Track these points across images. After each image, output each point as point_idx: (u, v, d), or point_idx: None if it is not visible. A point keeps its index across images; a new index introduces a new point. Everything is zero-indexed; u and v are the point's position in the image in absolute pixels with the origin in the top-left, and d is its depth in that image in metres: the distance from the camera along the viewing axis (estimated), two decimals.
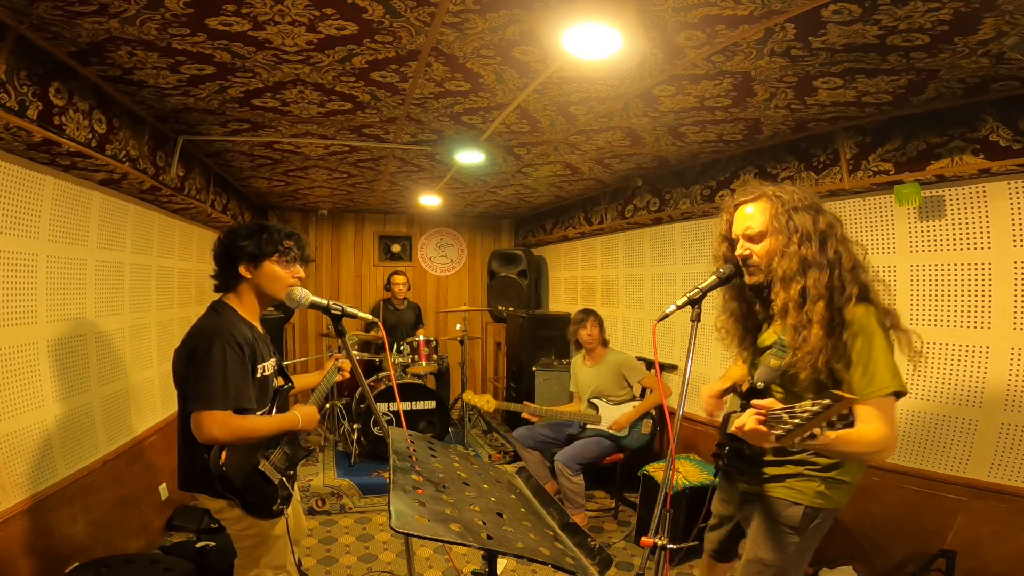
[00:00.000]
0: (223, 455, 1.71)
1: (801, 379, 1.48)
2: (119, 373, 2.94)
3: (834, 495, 1.58)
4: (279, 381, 2.06)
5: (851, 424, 1.13)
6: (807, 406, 1.13)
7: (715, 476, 1.86)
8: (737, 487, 1.77)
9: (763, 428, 1.25)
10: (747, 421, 1.28)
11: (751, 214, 1.59)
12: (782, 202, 1.54)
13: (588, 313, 3.92)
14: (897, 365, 1.43)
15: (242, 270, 1.84)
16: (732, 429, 1.37)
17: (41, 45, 1.88)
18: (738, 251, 1.61)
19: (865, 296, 1.50)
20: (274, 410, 1.92)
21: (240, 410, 1.73)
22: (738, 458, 1.69)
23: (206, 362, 1.68)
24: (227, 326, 1.76)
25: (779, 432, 1.19)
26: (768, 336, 1.67)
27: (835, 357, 1.44)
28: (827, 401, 1.08)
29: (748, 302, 1.74)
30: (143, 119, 2.65)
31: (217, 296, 1.93)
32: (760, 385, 1.61)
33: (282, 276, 1.87)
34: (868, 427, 1.36)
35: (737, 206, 1.64)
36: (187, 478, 1.81)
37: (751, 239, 1.58)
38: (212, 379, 1.67)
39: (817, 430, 1.13)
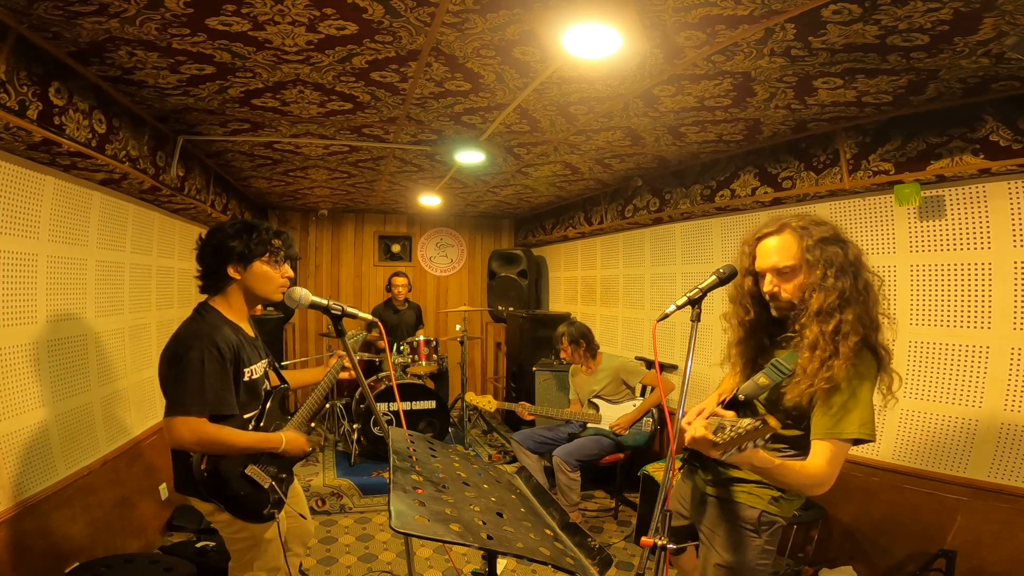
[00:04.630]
0: (204, 461, 1.67)
1: (787, 400, 1.49)
2: (119, 373, 2.94)
3: (784, 505, 1.62)
4: (274, 380, 2.02)
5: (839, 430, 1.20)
6: (745, 424, 1.21)
7: (680, 467, 1.87)
8: (696, 485, 1.80)
9: (708, 434, 1.27)
10: (696, 429, 1.32)
11: (778, 247, 1.53)
12: (810, 234, 1.49)
13: (561, 333, 3.84)
14: (872, 414, 1.43)
15: (231, 271, 1.78)
16: (687, 436, 1.39)
17: (41, 45, 1.88)
18: (766, 287, 1.55)
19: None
20: (267, 407, 1.88)
21: (219, 417, 1.68)
22: (697, 458, 1.72)
23: (184, 367, 1.63)
24: (208, 330, 1.70)
25: (716, 440, 1.24)
26: (769, 358, 1.64)
27: (833, 389, 1.44)
28: (758, 423, 1.19)
29: (762, 334, 1.69)
30: (143, 119, 2.65)
31: (202, 297, 1.87)
32: (742, 398, 1.62)
33: (273, 276, 1.83)
34: (813, 462, 1.41)
35: (759, 239, 1.59)
36: (179, 481, 1.78)
37: (781, 273, 1.53)
38: (188, 384, 1.62)
39: (748, 444, 1.21)
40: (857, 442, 1.43)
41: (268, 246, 1.81)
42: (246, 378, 1.78)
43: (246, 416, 1.80)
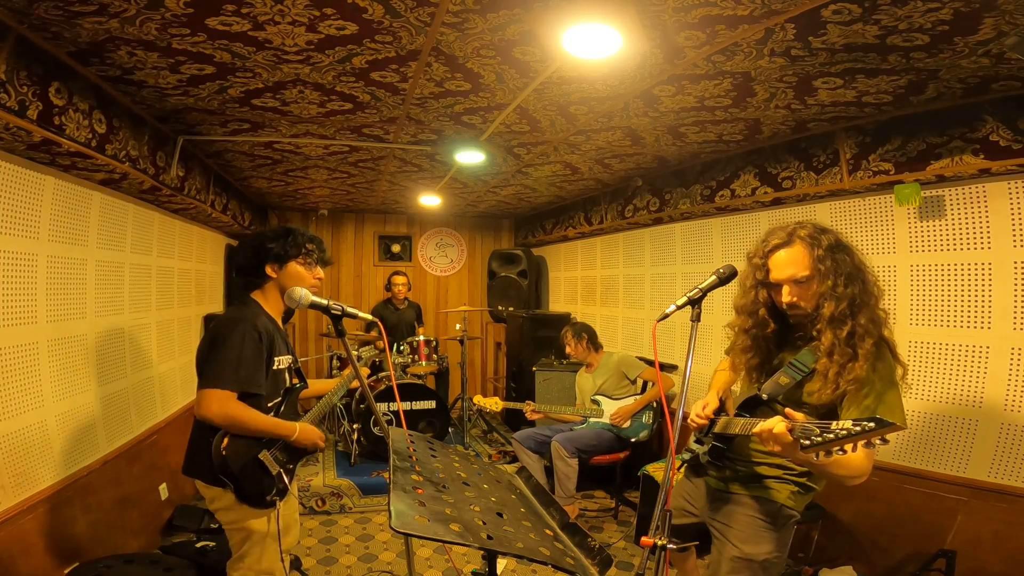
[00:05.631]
0: (225, 440, 1.76)
1: (813, 399, 1.54)
2: (119, 373, 2.94)
3: (800, 500, 1.68)
4: (294, 380, 2.09)
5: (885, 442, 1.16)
6: (847, 425, 1.16)
7: (680, 466, 1.91)
8: (706, 484, 1.83)
9: (788, 436, 1.29)
10: (776, 425, 1.31)
11: (792, 259, 1.58)
12: (819, 243, 1.55)
13: (567, 330, 3.99)
14: (901, 403, 1.50)
15: (268, 270, 1.96)
16: (756, 430, 1.41)
17: (41, 45, 1.88)
18: (785, 298, 1.59)
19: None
20: (284, 406, 1.96)
21: (247, 395, 1.79)
22: (718, 456, 1.74)
23: (224, 345, 1.78)
24: (250, 316, 1.87)
25: (806, 443, 1.22)
26: (781, 359, 1.69)
27: (865, 390, 1.48)
28: (872, 425, 1.12)
29: (777, 344, 1.72)
30: (143, 119, 2.65)
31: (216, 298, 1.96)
32: (764, 396, 1.65)
33: (304, 276, 2.00)
34: (855, 455, 1.41)
35: (770, 252, 1.62)
36: (189, 461, 1.88)
37: (799, 283, 1.57)
38: (226, 360, 1.76)
39: (848, 446, 1.16)
40: None
41: (302, 249, 2.00)
42: (275, 366, 1.92)
43: (268, 405, 1.90)
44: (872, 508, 2.63)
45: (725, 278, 1.62)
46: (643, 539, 1.35)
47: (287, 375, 2.03)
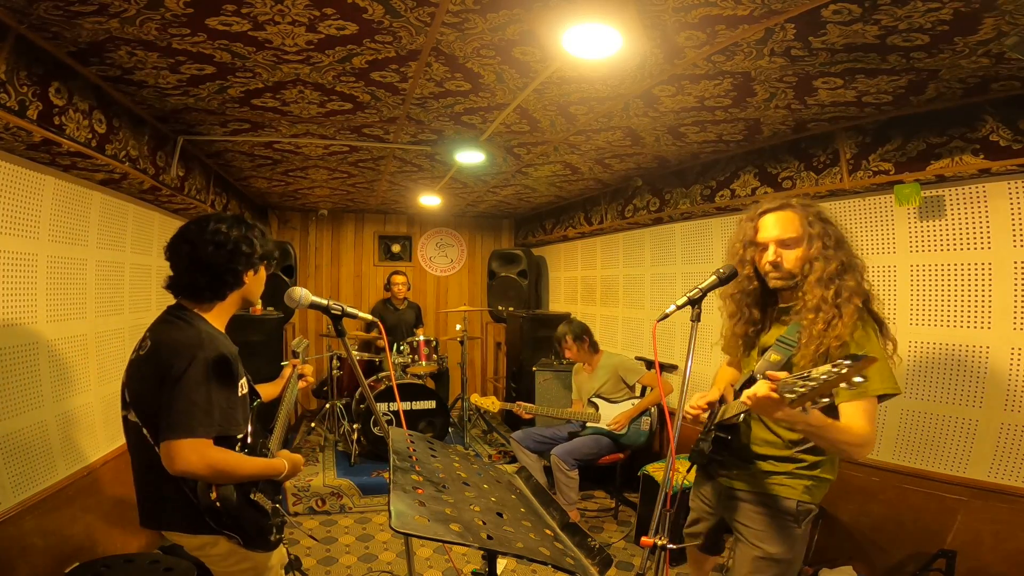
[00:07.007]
0: (213, 487, 1.49)
1: (802, 368, 1.54)
2: (119, 373, 2.89)
3: (816, 492, 1.68)
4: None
5: (863, 389, 1.17)
6: (826, 368, 1.16)
7: (689, 464, 1.89)
8: (719, 483, 1.83)
9: (775, 395, 1.29)
10: (760, 388, 1.32)
11: (780, 221, 1.66)
12: (810, 211, 1.64)
13: (564, 332, 3.92)
14: (890, 368, 1.52)
15: (247, 276, 1.63)
16: (743, 398, 1.41)
17: (41, 45, 1.88)
18: (769, 257, 1.65)
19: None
20: (251, 431, 1.70)
21: (225, 438, 1.50)
22: (723, 449, 1.74)
23: (186, 382, 1.41)
24: (205, 338, 1.50)
25: (791, 396, 1.22)
26: (770, 337, 1.72)
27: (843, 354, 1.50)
28: (848, 363, 1.12)
29: (760, 308, 1.78)
30: (143, 119, 2.65)
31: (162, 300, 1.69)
32: (759, 377, 1.64)
33: (263, 280, 1.71)
34: (854, 422, 1.47)
35: (763, 214, 1.70)
36: (156, 512, 1.55)
37: (785, 245, 1.64)
38: (194, 402, 1.41)
39: (834, 390, 1.17)
40: (883, 397, 1.50)
41: (270, 247, 1.72)
42: (240, 392, 1.62)
43: (238, 436, 1.61)
44: (872, 508, 2.63)
45: (725, 278, 1.62)
46: (643, 539, 1.36)
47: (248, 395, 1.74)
